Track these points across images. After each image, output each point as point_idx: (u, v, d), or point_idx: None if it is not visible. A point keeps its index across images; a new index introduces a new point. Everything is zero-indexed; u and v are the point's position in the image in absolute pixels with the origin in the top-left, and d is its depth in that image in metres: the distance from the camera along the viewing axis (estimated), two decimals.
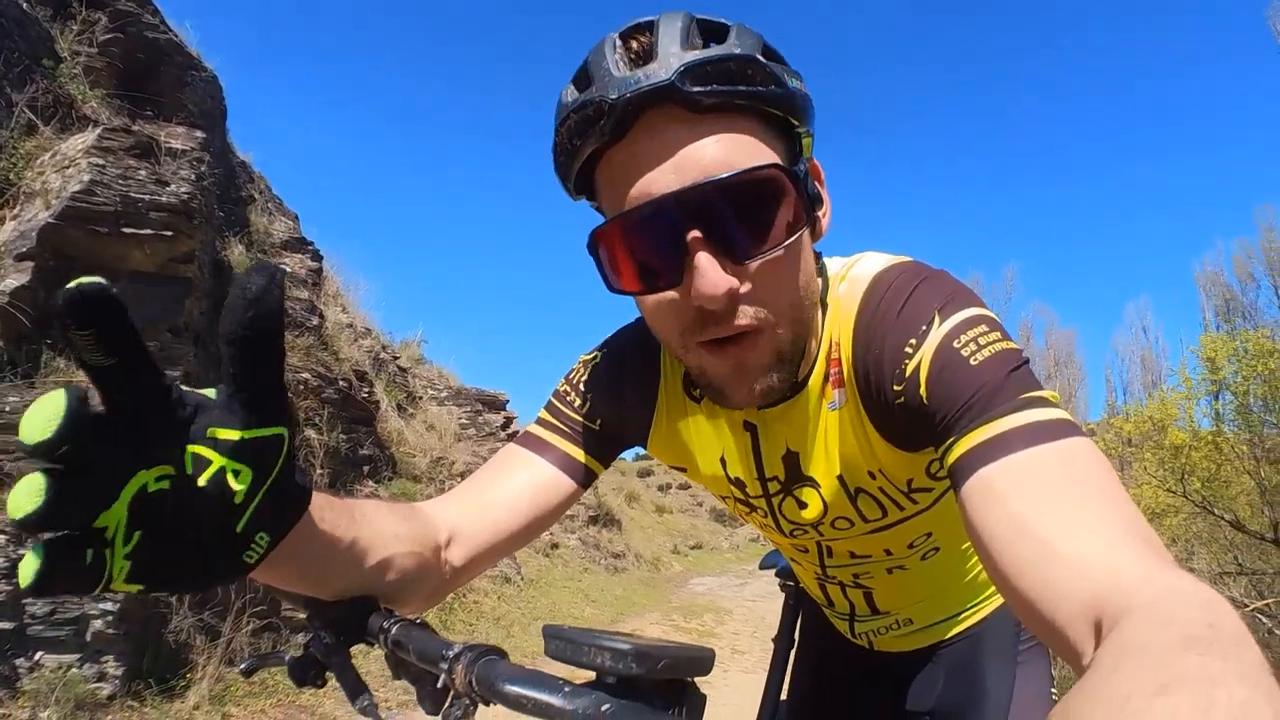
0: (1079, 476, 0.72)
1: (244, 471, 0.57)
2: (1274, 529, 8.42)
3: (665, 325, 0.92)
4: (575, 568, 12.18)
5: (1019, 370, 0.83)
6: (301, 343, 7.44)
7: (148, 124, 5.89)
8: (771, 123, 0.88)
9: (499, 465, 1.13)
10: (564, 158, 0.90)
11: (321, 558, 0.79)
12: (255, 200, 8.44)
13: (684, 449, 1.19)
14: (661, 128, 0.83)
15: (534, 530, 1.10)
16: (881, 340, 0.93)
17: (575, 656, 0.62)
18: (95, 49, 6.13)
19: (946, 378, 0.84)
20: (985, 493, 0.75)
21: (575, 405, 1.16)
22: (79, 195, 4.79)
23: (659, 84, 0.80)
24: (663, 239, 0.84)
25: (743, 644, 8.94)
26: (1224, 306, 22.95)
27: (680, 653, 0.62)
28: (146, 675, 4.60)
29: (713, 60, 0.81)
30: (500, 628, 8.14)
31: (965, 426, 0.80)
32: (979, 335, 0.86)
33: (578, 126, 0.85)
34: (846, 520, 1.15)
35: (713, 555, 19.56)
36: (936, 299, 0.91)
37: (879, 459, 1.04)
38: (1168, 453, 9.21)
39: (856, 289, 0.99)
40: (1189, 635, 0.47)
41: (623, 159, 0.86)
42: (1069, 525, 0.67)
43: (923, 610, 1.39)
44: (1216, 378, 9.47)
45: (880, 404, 0.96)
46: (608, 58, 0.85)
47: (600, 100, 0.82)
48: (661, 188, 0.82)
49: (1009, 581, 0.70)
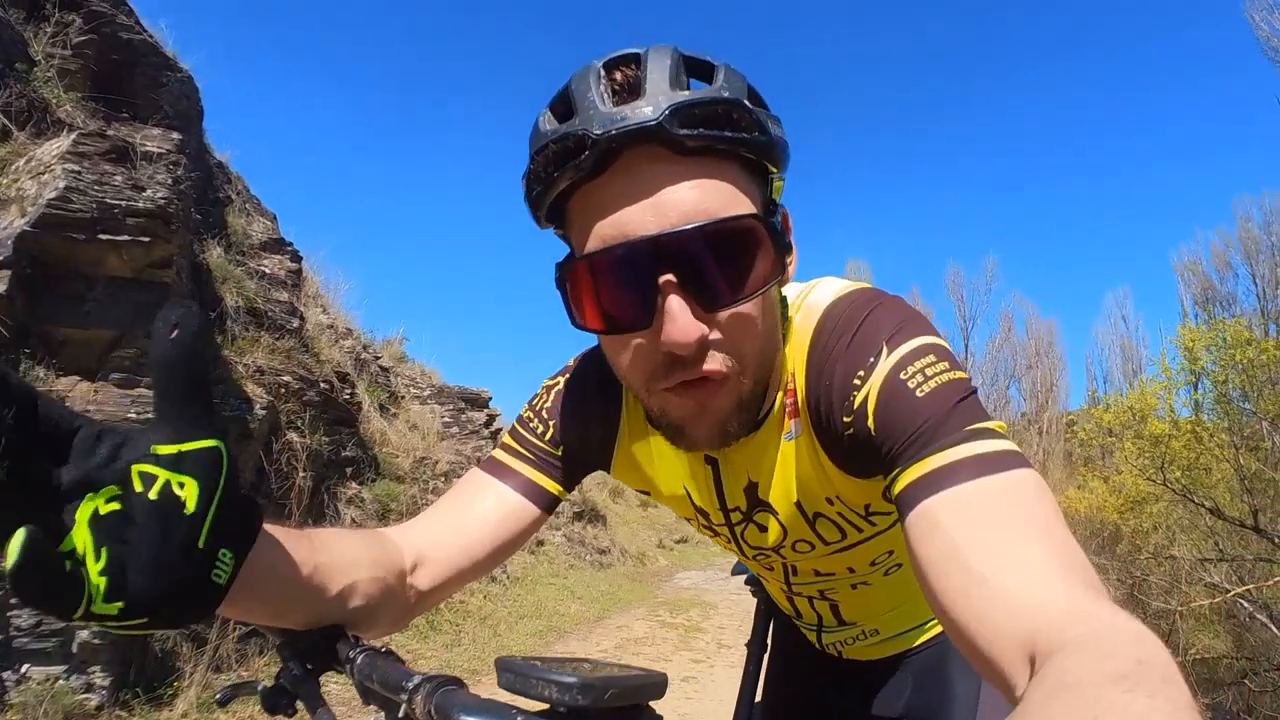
0: (1020, 510, 0.73)
1: (189, 483, 0.60)
2: (1253, 515, 8.52)
3: (630, 367, 0.91)
4: (561, 564, 12.20)
5: (966, 401, 0.83)
6: (282, 345, 7.40)
7: (123, 127, 5.83)
8: (750, 168, 0.88)
9: (465, 491, 1.15)
10: (538, 187, 0.87)
11: (284, 587, 0.80)
12: (233, 201, 8.39)
13: (646, 475, 1.20)
14: (642, 167, 0.82)
15: (499, 556, 1.11)
16: (832, 371, 0.94)
17: (525, 689, 0.64)
18: (69, 51, 6.08)
19: (893, 409, 0.85)
20: (927, 524, 0.76)
21: (538, 432, 1.17)
22: (55, 202, 4.76)
23: (645, 123, 0.79)
24: (635, 281, 0.83)
25: (728, 638, 8.96)
26: (1202, 295, 23.19)
27: (629, 681, 0.64)
28: (134, 685, 4.60)
29: (701, 103, 0.81)
30: (487, 627, 8.14)
31: (911, 458, 0.81)
32: (926, 366, 0.86)
33: (556, 158, 0.83)
34: (807, 544, 1.16)
35: (698, 549, 19.58)
36: (885, 329, 0.92)
37: (835, 486, 1.04)
38: (1148, 442, 9.32)
39: (810, 318, 1.00)
40: (1118, 671, 0.48)
41: (600, 196, 0.84)
42: (1006, 559, 0.68)
43: (889, 621, 1.41)
44: (1195, 367, 9.57)
45: (832, 434, 0.97)
46: (592, 89, 0.83)
47: (583, 134, 0.80)
48: (638, 229, 0.81)
49: (946, 612, 0.72)
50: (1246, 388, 9.06)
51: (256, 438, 6.46)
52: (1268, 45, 9.65)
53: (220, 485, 0.61)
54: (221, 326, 6.80)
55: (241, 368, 6.72)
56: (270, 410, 6.70)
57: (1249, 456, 9.05)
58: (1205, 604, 9.09)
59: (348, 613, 0.88)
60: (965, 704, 1.38)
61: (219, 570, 0.62)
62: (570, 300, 0.90)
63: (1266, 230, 22.33)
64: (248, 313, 7.16)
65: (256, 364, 6.86)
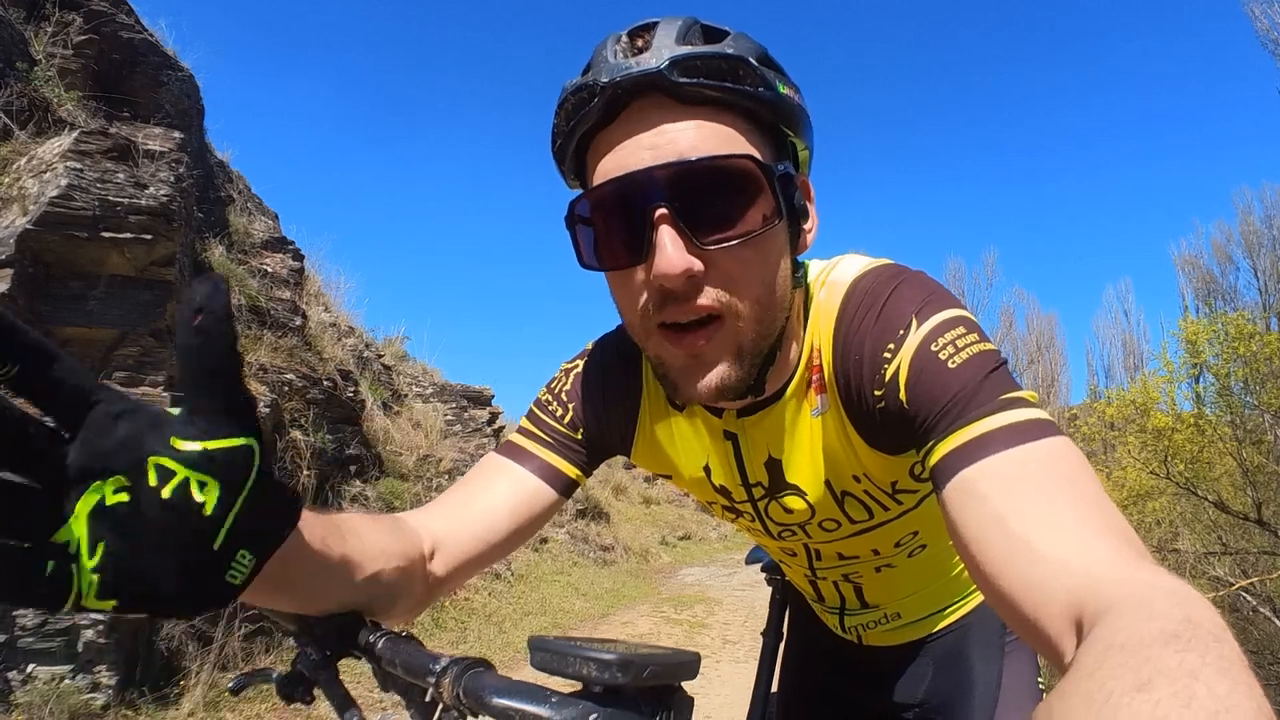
0: (1058, 476, 0.73)
1: (210, 484, 0.53)
2: (1257, 509, 8.50)
3: (628, 304, 0.92)
4: (565, 561, 12.18)
5: (997, 371, 0.84)
6: (285, 343, 7.39)
7: (124, 125, 5.82)
8: (759, 125, 0.89)
9: (481, 475, 1.13)
10: (560, 140, 0.93)
11: (311, 576, 0.79)
12: (235, 200, 8.38)
13: (667, 458, 1.19)
14: (648, 114, 0.85)
15: (516, 541, 1.09)
16: (860, 345, 0.94)
17: (561, 668, 0.63)
18: (70, 50, 6.07)
19: (925, 381, 0.85)
20: (966, 494, 0.76)
21: (557, 414, 1.16)
22: (57, 200, 4.74)
23: (647, 70, 0.82)
24: (631, 214, 0.85)
25: (733, 634, 8.94)
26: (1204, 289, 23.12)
27: (665, 659, 0.64)
28: (140, 684, 4.59)
29: (703, 56, 0.84)
30: (492, 624, 8.13)
31: (945, 429, 0.81)
32: (957, 338, 0.87)
33: (572, 109, 0.88)
34: (834, 522, 1.15)
35: (701, 545, 19.57)
36: (913, 302, 0.92)
37: (863, 463, 1.04)
38: (1150, 436, 9.28)
39: (835, 294, 1.00)
40: (1168, 631, 0.47)
41: (609, 141, 0.88)
42: (1049, 525, 0.68)
43: (911, 605, 1.40)
44: (1197, 360, 9.55)
45: (861, 408, 0.97)
46: (608, 48, 0.88)
47: (593, 84, 0.85)
48: (636, 163, 0.84)
49: (990, 581, 0.71)
50: (1249, 381, 9.04)
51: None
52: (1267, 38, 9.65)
53: (246, 489, 0.56)
54: None
55: (244, 366, 6.69)
56: (274, 409, 6.68)
57: (1252, 450, 9.02)
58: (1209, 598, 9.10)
59: (369, 600, 0.87)
60: (986, 689, 1.37)
61: (235, 571, 0.57)
62: (577, 240, 0.93)
63: (1268, 224, 22.25)
64: (250, 311, 7.15)
65: (259, 362, 6.85)
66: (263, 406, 6.46)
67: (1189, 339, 9.61)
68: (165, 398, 5.00)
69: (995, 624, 1.43)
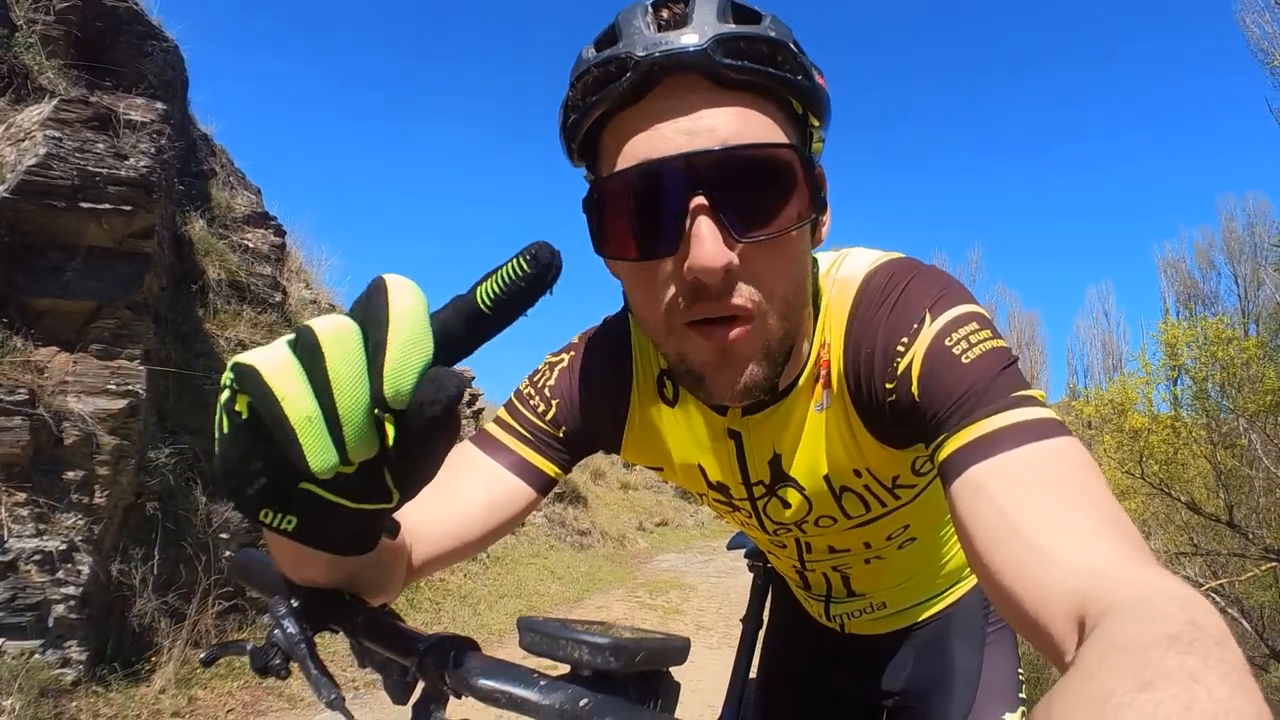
0: (1066, 475, 0.73)
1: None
2: (1228, 511, 8.60)
3: (653, 299, 0.87)
4: (541, 545, 12.18)
5: (1009, 369, 0.83)
6: (265, 320, 7.33)
7: (106, 95, 5.72)
8: (791, 114, 0.86)
9: (455, 467, 1.08)
10: (574, 115, 0.85)
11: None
12: (217, 174, 8.26)
13: (659, 452, 1.16)
14: (682, 94, 0.80)
15: (490, 538, 1.06)
16: (873, 339, 0.93)
17: (552, 650, 0.62)
18: (52, 17, 5.94)
19: (938, 376, 0.84)
20: (974, 490, 0.75)
21: (538, 409, 1.12)
22: (35, 169, 4.66)
23: (689, 49, 0.77)
24: (664, 202, 0.80)
25: (707, 620, 8.99)
26: (1185, 293, 23.42)
27: (656, 644, 0.63)
28: (111, 660, 4.56)
29: (747, 37, 0.79)
30: (467, 605, 8.13)
31: (956, 424, 0.80)
32: (970, 333, 0.86)
33: (595, 83, 0.82)
34: (830, 518, 1.15)
35: (677, 532, 19.61)
36: (927, 297, 0.91)
37: (866, 457, 1.03)
38: (1127, 436, 9.38)
39: (847, 288, 0.98)
40: (1170, 633, 0.47)
41: (635, 121, 0.82)
42: (1055, 524, 0.68)
43: (897, 595, 1.40)
44: (1176, 363, 9.65)
45: (871, 403, 0.95)
46: (639, 18, 0.81)
47: (626, 56, 0.79)
48: (671, 148, 0.79)
49: (994, 578, 0.71)
50: (1226, 385, 9.14)
51: None
52: (1257, 48, 9.72)
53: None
54: (203, 300, 6.72)
55: (223, 341, 6.65)
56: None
57: (1226, 453, 9.13)
58: None
59: (350, 579, 0.83)
60: (966, 679, 1.39)
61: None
62: (595, 225, 0.87)
63: (1250, 231, 22.55)
64: (230, 286, 7.09)
65: (238, 338, 6.80)
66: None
67: (1168, 342, 9.71)
68: (141, 372, 4.95)
69: (977, 615, 1.44)
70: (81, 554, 4.47)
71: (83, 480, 4.57)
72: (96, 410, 4.70)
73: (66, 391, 4.66)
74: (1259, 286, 20.64)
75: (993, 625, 1.44)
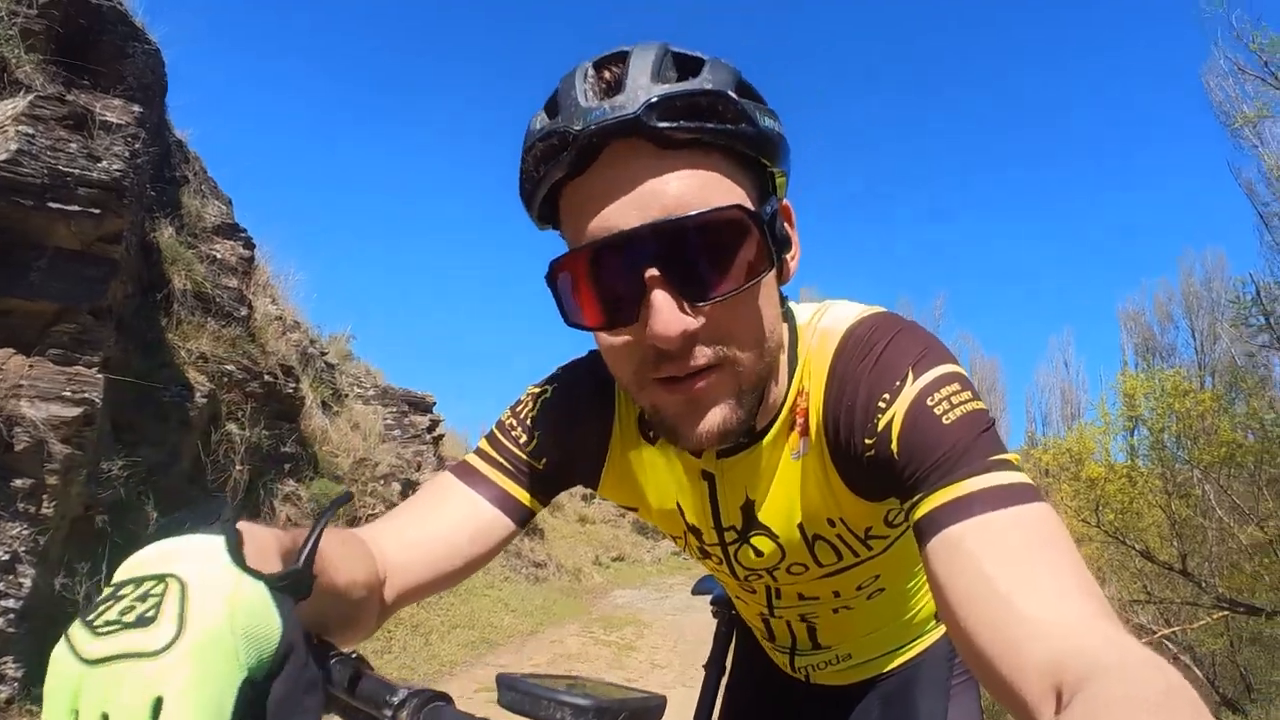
0: (1040, 541, 0.75)
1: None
2: (1182, 560, 8.85)
3: (621, 360, 0.90)
4: (496, 575, 12.04)
5: (988, 432, 0.86)
6: (228, 333, 7.19)
7: (83, 94, 5.62)
8: (741, 161, 0.87)
9: (434, 497, 1.10)
10: (529, 185, 0.89)
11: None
12: (189, 181, 8.13)
13: (637, 491, 1.17)
14: (625, 161, 0.81)
15: (468, 571, 1.07)
16: (854, 393, 0.94)
17: (534, 710, 0.63)
18: (35, 11, 5.83)
19: (919, 434, 0.86)
20: (951, 551, 0.78)
21: (520, 441, 1.13)
22: (4, 165, 4.53)
23: (624, 117, 0.79)
24: (620, 276, 0.83)
25: (661, 658, 8.94)
26: (1143, 345, 24.07)
27: (636, 704, 0.64)
28: None
29: (681, 95, 0.80)
30: (419, 635, 8.00)
31: (934, 484, 0.83)
32: (952, 394, 0.88)
33: (542, 155, 0.84)
34: (802, 566, 1.16)
35: (634, 568, 19.58)
36: (910, 354, 0.93)
37: (841, 507, 1.05)
38: (1084, 484, 9.62)
39: (829, 339, 1.00)
40: (1149, 701, 0.52)
41: (585, 191, 0.84)
42: (1030, 587, 0.70)
43: (864, 645, 1.41)
44: (1134, 413, 9.93)
45: (849, 455, 0.97)
46: (576, 87, 0.83)
47: (564, 131, 0.81)
48: (621, 224, 0.81)
49: (969, 637, 0.73)
50: (1181, 436, 9.43)
51: (195, 427, 6.25)
52: (1220, 110, 10.13)
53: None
54: (167, 309, 6.58)
55: (184, 353, 6.51)
56: (211, 399, 6.49)
57: (1180, 503, 9.40)
58: None
59: (324, 623, 0.80)
60: None
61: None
62: (562, 297, 0.90)
63: (1207, 286, 23.27)
64: (195, 297, 6.93)
65: (200, 350, 6.66)
66: (199, 396, 6.27)
67: (1127, 392, 10.03)
68: (100, 380, 4.81)
69: (943, 665, 1.46)
70: (25, 565, 4.30)
71: (30, 489, 4.40)
72: (50, 417, 4.53)
73: (20, 395, 4.50)
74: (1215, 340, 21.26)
75: (958, 676, 1.46)
